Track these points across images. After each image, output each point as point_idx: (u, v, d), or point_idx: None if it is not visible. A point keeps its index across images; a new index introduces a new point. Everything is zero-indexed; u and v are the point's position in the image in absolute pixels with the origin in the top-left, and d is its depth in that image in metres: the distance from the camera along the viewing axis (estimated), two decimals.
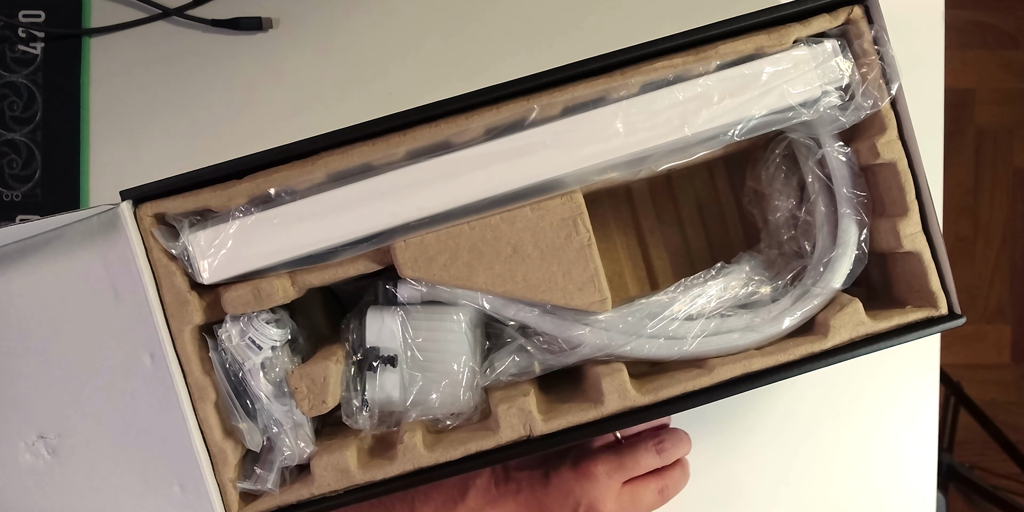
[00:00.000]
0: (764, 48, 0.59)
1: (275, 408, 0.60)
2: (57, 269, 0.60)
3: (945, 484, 1.60)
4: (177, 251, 0.58)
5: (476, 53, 0.77)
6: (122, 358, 0.60)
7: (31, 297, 0.61)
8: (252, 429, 0.60)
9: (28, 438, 0.61)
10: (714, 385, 0.60)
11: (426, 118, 0.58)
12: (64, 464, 0.61)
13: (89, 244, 0.60)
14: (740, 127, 0.59)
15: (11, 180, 0.76)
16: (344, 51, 0.78)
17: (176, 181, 0.57)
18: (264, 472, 0.60)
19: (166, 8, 0.77)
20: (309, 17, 0.78)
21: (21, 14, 0.77)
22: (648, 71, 0.58)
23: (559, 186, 0.60)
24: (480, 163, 0.58)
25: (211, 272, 0.58)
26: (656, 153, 0.60)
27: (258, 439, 0.60)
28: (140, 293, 0.58)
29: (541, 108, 0.57)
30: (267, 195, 0.58)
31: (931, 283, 0.61)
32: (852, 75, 0.60)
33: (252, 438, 0.60)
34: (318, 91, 0.77)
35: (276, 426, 0.60)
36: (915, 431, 0.77)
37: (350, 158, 0.57)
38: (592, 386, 0.62)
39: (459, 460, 0.60)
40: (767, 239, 0.68)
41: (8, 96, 0.77)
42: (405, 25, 0.78)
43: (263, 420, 0.60)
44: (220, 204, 0.58)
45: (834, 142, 0.62)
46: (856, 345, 0.60)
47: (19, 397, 0.61)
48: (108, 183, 0.77)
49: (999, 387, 1.83)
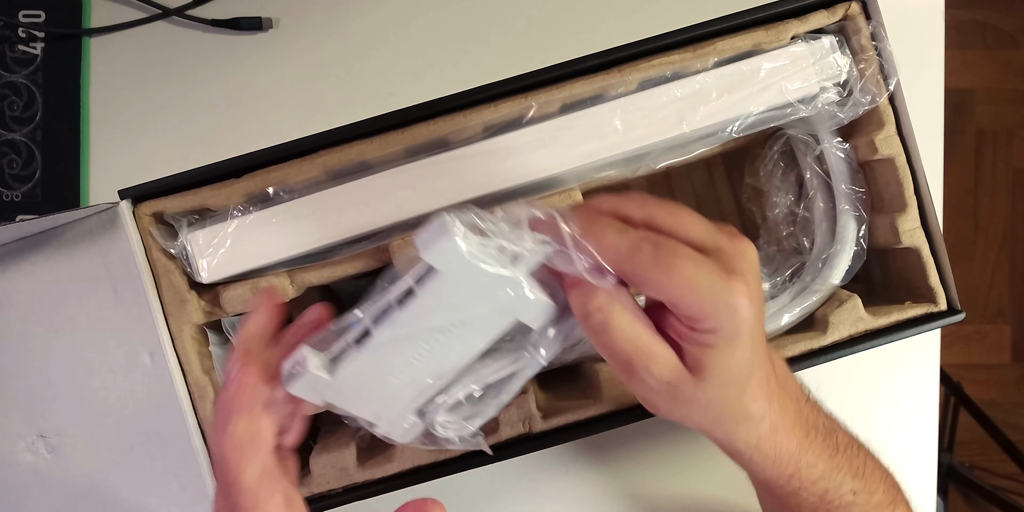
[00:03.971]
0: (762, 45, 0.59)
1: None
2: (56, 268, 0.60)
3: (945, 484, 1.60)
4: (176, 250, 0.58)
5: (476, 53, 0.77)
6: (121, 357, 0.60)
7: (30, 296, 0.61)
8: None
9: (28, 437, 0.61)
10: None
11: (424, 116, 0.58)
12: (64, 463, 0.61)
13: (88, 243, 0.60)
14: (738, 124, 0.59)
15: (11, 180, 0.76)
16: (344, 51, 0.78)
17: (174, 180, 0.57)
18: None
19: (166, 8, 0.77)
20: (309, 17, 0.78)
21: (21, 14, 0.77)
22: (646, 68, 0.58)
23: (558, 184, 0.60)
24: (478, 161, 0.58)
25: (210, 271, 0.58)
26: (654, 150, 0.60)
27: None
28: (139, 292, 0.58)
29: (539, 105, 0.57)
30: (265, 194, 0.58)
31: (930, 279, 0.61)
32: (850, 71, 0.60)
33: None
34: (318, 91, 0.77)
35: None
36: (915, 431, 0.77)
37: (348, 156, 0.57)
38: (591, 383, 0.62)
39: (458, 458, 0.60)
40: (766, 236, 0.68)
41: (8, 96, 0.77)
42: (405, 24, 0.78)
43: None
44: (218, 203, 0.58)
45: (832, 138, 0.62)
46: (855, 341, 0.61)
47: (19, 396, 0.61)
48: (108, 183, 0.76)
49: (999, 387, 1.83)
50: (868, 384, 0.77)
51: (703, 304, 0.43)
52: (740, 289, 0.43)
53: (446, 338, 0.46)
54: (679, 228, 0.45)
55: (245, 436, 0.46)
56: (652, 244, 0.43)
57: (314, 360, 0.46)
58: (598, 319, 0.44)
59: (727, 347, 0.45)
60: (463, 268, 0.42)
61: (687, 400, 0.46)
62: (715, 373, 0.45)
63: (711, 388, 0.46)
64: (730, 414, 0.48)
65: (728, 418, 0.49)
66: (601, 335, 0.45)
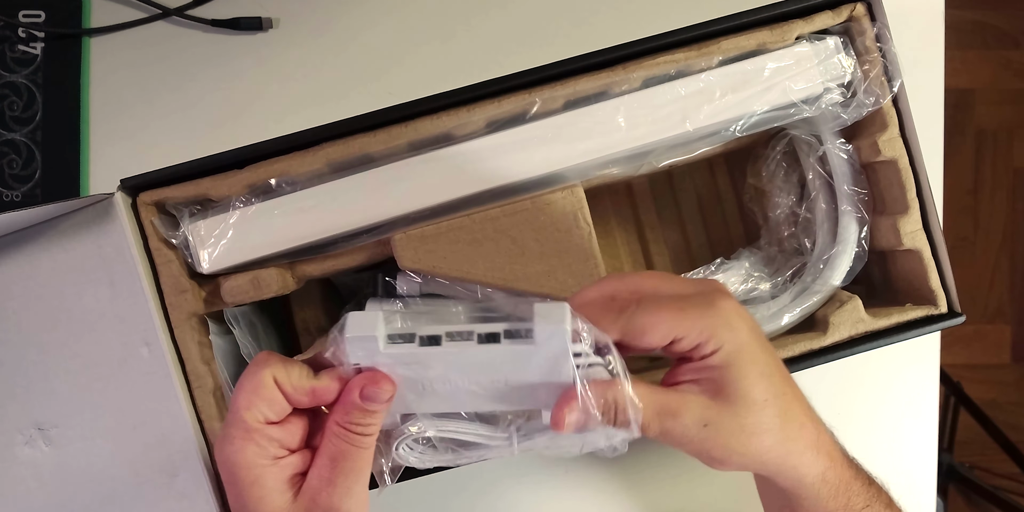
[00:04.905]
0: (766, 44, 0.59)
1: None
2: (53, 259, 0.60)
3: (945, 484, 1.60)
4: (177, 240, 0.58)
5: (476, 53, 0.77)
6: (119, 349, 0.60)
7: (27, 287, 0.61)
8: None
9: (26, 431, 0.61)
10: None
11: (428, 110, 0.58)
12: (62, 456, 0.61)
13: (84, 234, 0.60)
14: (741, 123, 0.59)
15: (11, 180, 0.76)
16: (344, 51, 0.78)
17: (177, 170, 0.57)
18: None
19: (166, 8, 0.77)
20: (309, 17, 0.78)
21: (21, 14, 0.77)
22: (650, 66, 0.58)
23: (560, 180, 0.60)
24: (481, 156, 0.58)
25: (211, 262, 0.58)
26: (657, 148, 0.60)
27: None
28: (136, 283, 0.58)
29: (543, 102, 0.57)
30: (268, 185, 0.58)
31: (931, 281, 0.61)
32: (854, 72, 0.60)
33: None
34: (318, 91, 0.77)
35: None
36: (915, 431, 0.77)
37: (351, 149, 0.57)
38: None
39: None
40: (767, 236, 0.68)
41: (8, 96, 0.77)
42: (405, 25, 0.78)
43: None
44: (220, 193, 0.58)
45: (835, 139, 0.62)
46: (855, 342, 0.61)
47: (16, 389, 0.61)
48: (108, 183, 0.76)
49: (999, 387, 1.83)
50: (868, 384, 0.77)
51: (700, 327, 0.46)
52: (727, 305, 0.48)
53: (476, 388, 0.48)
54: (660, 285, 0.50)
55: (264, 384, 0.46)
56: (636, 303, 0.47)
57: (383, 328, 0.47)
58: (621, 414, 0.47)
59: (740, 362, 0.47)
60: (552, 351, 0.46)
61: (736, 432, 0.48)
62: (742, 392, 0.47)
63: (751, 412, 0.48)
64: (792, 437, 0.50)
65: (791, 441, 0.50)
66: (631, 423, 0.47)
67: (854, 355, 0.60)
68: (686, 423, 0.47)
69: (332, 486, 0.47)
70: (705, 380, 0.48)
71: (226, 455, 0.47)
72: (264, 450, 0.47)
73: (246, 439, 0.46)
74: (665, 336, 0.47)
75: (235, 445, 0.46)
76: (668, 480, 0.75)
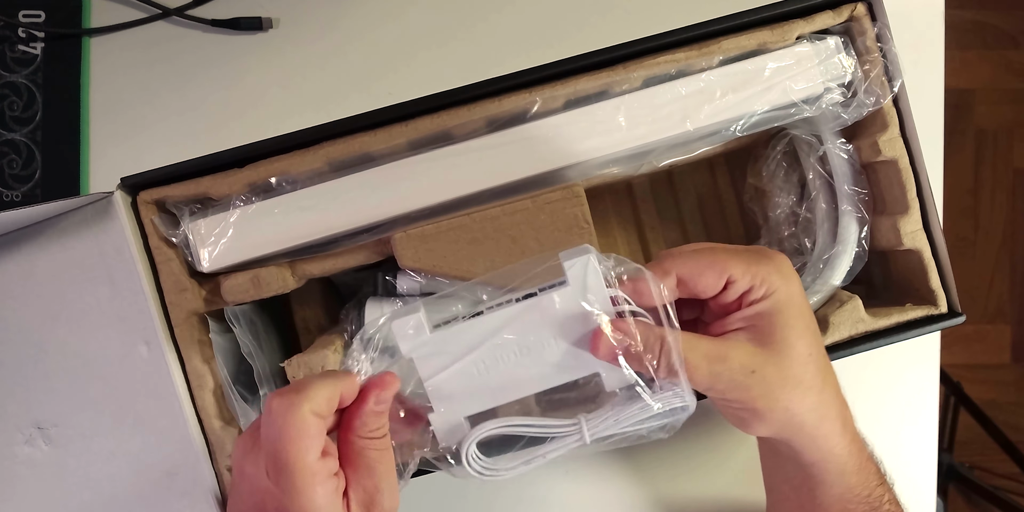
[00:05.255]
0: (767, 44, 0.59)
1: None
2: (52, 258, 0.60)
3: (945, 484, 1.60)
4: (177, 239, 0.58)
5: (476, 52, 0.77)
6: (118, 348, 0.60)
7: (26, 287, 0.61)
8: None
9: (25, 429, 0.61)
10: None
11: (428, 109, 0.58)
12: (61, 455, 0.61)
13: (84, 232, 0.60)
14: (742, 123, 0.59)
15: (11, 180, 0.76)
16: (344, 51, 0.78)
17: (177, 168, 0.57)
18: None
19: (166, 8, 0.77)
20: (309, 17, 0.78)
21: (21, 14, 0.77)
22: (651, 65, 0.58)
23: (561, 179, 0.60)
24: (481, 155, 0.58)
25: (211, 260, 0.58)
26: (658, 148, 0.60)
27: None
28: (136, 282, 0.58)
29: (543, 101, 0.57)
30: (268, 184, 0.58)
31: (931, 281, 0.61)
32: (855, 72, 0.60)
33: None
34: (318, 91, 0.77)
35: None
36: (915, 431, 0.77)
37: (351, 148, 0.57)
38: (590, 382, 0.62)
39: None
40: (767, 236, 0.68)
41: (8, 96, 0.77)
42: (404, 25, 0.78)
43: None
44: (221, 192, 0.58)
45: (836, 139, 0.62)
46: (855, 342, 0.61)
47: (16, 388, 0.61)
48: (108, 183, 0.76)
49: (999, 387, 1.83)
50: (868, 384, 0.77)
51: (755, 270, 0.49)
52: (781, 257, 0.51)
53: (531, 358, 0.50)
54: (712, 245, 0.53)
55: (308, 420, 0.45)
56: (704, 246, 0.52)
57: (423, 315, 0.49)
58: (666, 354, 0.48)
59: (788, 311, 0.49)
60: (588, 284, 0.48)
61: (781, 383, 0.49)
62: (789, 342, 0.49)
63: (795, 364, 0.49)
64: (827, 403, 0.51)
65: (827, 406, 0.51)
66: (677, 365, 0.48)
67: (854, 355, 0.60)
68: (734, 368, 0.48)
69: (380, 492, 0.47)
70: (752, 327, 0.49)
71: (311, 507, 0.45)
72: (333, 486, 0.45)
73: (318, 484, 0.44)
74: (721, 274, 0.49)
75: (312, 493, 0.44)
76: (668, 480, 0.75)
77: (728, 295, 0.50)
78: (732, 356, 0.49)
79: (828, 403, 0.51)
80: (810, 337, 0.50)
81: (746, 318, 0.50)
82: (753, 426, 0.51)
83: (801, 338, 0.49)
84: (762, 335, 0.49)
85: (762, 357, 0.49)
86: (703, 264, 0.49)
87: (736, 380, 0.48)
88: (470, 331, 0.49)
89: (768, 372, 0.49)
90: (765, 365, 0.49)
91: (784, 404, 0.49)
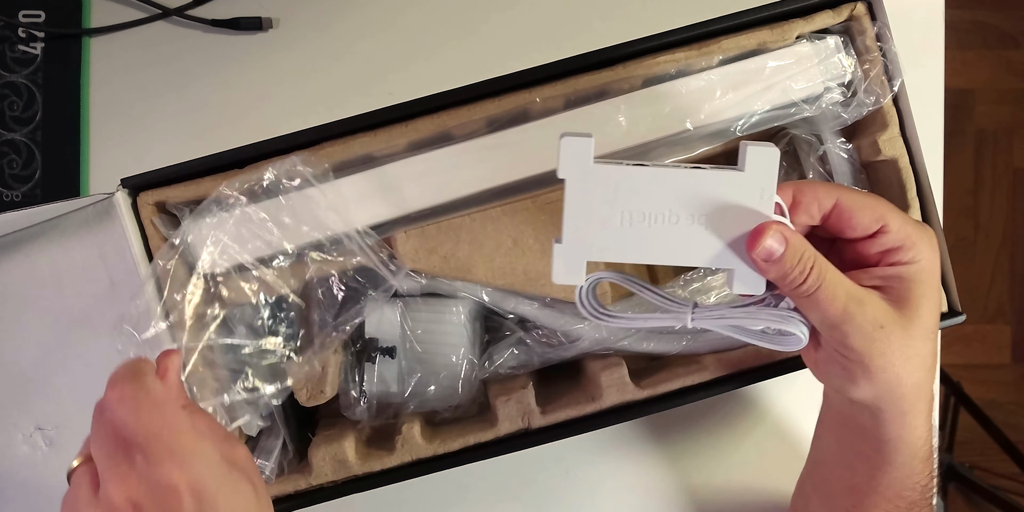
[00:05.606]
0: (767, 43, 0.59)
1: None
2: (53, 259, 0.60)
3: (945, 484, 1.60)
4: (178, 239, 0.58)
5: (476, 53, 0.77)
6: (119, 348, 0.60)
7: (27, 287, 0.61)
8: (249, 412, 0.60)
9: (26, 430, 0.61)
10: (713, 380, 0.60)
11: (428, 109, 0.58)
12: (61, 455, 0.61)
13: (85, 233, 0.60)
14: (742, 122, 0.59)
15: (11, 180, 0.76)
16: (344, 51, 0.78)
17: (177, 169, 0.57)
18: (261, 461, 0.60)
19: (166, 8, 0.77)
20: (309, 17, 0.78)
21: (21, 14, 0.77)
22: (651, 65, 0.58)
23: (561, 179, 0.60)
24: (482, 155, 0.58)
25: (212, 261, 0.58)
26: (658, 148, 0.60)
27: (256, 424, 0.60)
28: (136, 282, 0.58)
29: (543, 101, 0.57)
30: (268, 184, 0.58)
31: None
32: (854, 71, 0.59)
33: (250, 424, 0.60)
34: (318, 91, 0.77)
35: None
36: None
37: (352, 149, 0.57)
38: (591, 380, 0.62)
39: (457, 452, 0.60)
40: None
41: (8, 96, 0.77)
42: (404, 25, 0.78)
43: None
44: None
45: (836, 138, 0.62)
46: None
47: (16, 389, 0.61)
48: (108, 183, 0.76)
49: (999, 387, 1.83)
50: None
51: (909, 230, 0.48)
52: (932, 232, 0.50)
53: (677, 229, 0.48)
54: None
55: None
56: (856, 190, 0.50)
57: (592, 141, 0.47)
58: (815, 273, 0.47)
59: (928, 282, 0.49)
60: (764, 178, 0.47)
61: (904, 347, 0.48)
62: (922, 312, 0.48)
63: (920, 335, 0.49)
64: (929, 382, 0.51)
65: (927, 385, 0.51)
66: (818, 289, 0.47)
67: None
68: (867, 314, 0.47)
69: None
70: (891, 289, 0.49)
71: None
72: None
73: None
74: (878, 220, 0.48)
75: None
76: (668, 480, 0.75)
77: (874, 245, 0.49)
78: (868, 303, 0.48)
79: (929, 385, 0.51)
80: (937, 315, 0.50)
81: (886, 277, 0.49)
82: (857, 383, 0.50)
83: (932, 313, 0.49)
84: (898, 299, 0.48)
85: (894, 317, 0.48)
86: (865, 202, 0.48)
87: (864, 328, 0.47)
88: (630, 178, 0.48)
89: (895, 333, 0.48)
90: (894, 326, 0.48)
91: (897, 370, 0.48)
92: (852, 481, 0.55)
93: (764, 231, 0.47)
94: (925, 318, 0.49)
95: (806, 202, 0.49)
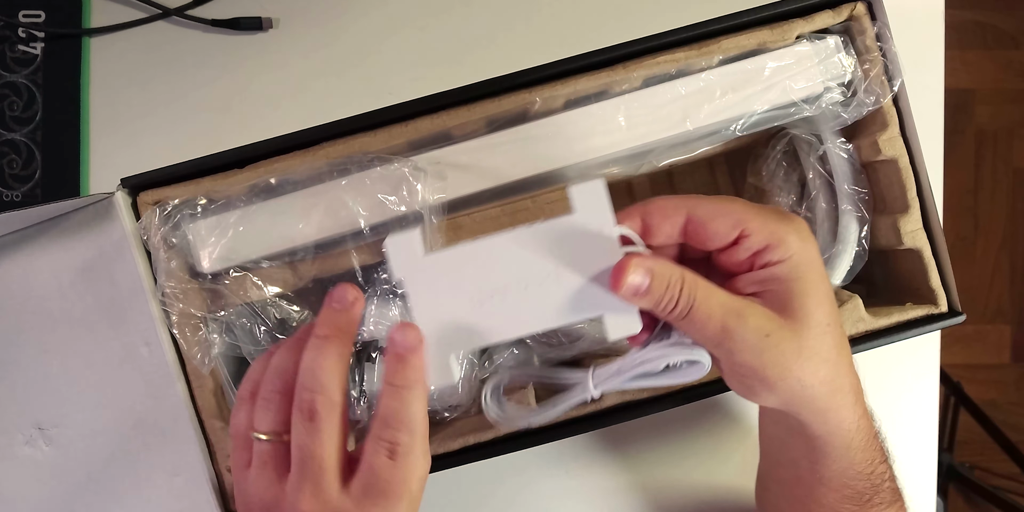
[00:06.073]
0: (767, 43, 0.59)
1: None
2: (53, 259, 0.60)
3: (945, 484, 1.60)
4: (178, 239, 0.58)
5: (477, 52, 0.77)
6: (119, 348, 0.60)
7: (27, 287, 0.61)
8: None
9: (26, 430, 0.61)
10: (713, 380, 0.60)
11: (428, 109, 0.58)
12: (62, 456, 0.61)
13: (85, 233, 0.60)
14: (742, 122, 0.59)
15: (11, 180, 0.76)
16: (344, 51, 0.78)
17: (177, 169, 0.57)
18: None
19: (166, 8, 0.76)
20: (309, 17, 0.78)
21: (21, 14, 0.77)
22: (650, 65, 0.58)
23: (560, 179, 0.60)
24: (481, 155, 0.58)
25: (212, 261, 0.58)
26: (658, 148, 0.60)
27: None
28: (136, 282, 0.58)
29: (543, 101, 0.57)
30: (269, 184, 0.58)
31: (931, 280, 0.61)
32: (854, 71, 0.60)
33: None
34: (318, 91, 0.77)
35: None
36: (915, 431, 0.77)
37: (352, 148, 0.57)
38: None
39: (457, 452, 0.60)
40: None
41: (8, 96, 0.77)
42: (405, 25, 0.78)
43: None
44: (221, 193, 0.58)
45: (836, 138, 0.62)
46: (856, 341, 0.60)
47: (17, 389, 0.61)
48: (108, 182, 0.76)
49: (999, 387, 1.83)
50: (868, 384, 0.76)
51: (772, 228, 0.45)
52: (800, 220, 0.47)
53: (532, 293, 0.46)
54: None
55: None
56: (708, 198, 0.47)
57: (418, 234, 0.46)
58: (685, 294, 0.45)
59: (808, 278, 0.46)
60: (594, 217, 0.45)
61: (796, 352, 0.46)
62: (807, 310, 0.46)
63: (812, 334, 0.46)
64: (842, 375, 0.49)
65: (841, 378, 0.49)
66: (691, 309, 0.45)
67: (854, 354, 0.60)
68: (748, 326, 0.45)
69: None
70: (768, 293, 0.46)
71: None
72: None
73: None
74: (735, 225, 0.45)
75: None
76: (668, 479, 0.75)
77: (740, 251, 0.46)
78: (748, 314, 0.45)
79: (842, 375, 0.49)
80: (828, 306, 0.47)
81: (761, 281, 0.46)
82: (761, 395, 0.48)
83: (820, 307, 0.46)
84: (778, 301, 0.46)
85: (778, 323, 0.46)
86: (718, 209, 0.46)
87: (749, 341, 0.45)
88: (464, 258, 0.45)
89: (783, 339, 0.45)
90: (780, 331, 0.45)
91: (797, 374, 0.46)
92: (797, 473, 0.55)
93: (624, 268, 0.45)
94: (814, 313, 0.46)
95: (656, 223, 0.47)
